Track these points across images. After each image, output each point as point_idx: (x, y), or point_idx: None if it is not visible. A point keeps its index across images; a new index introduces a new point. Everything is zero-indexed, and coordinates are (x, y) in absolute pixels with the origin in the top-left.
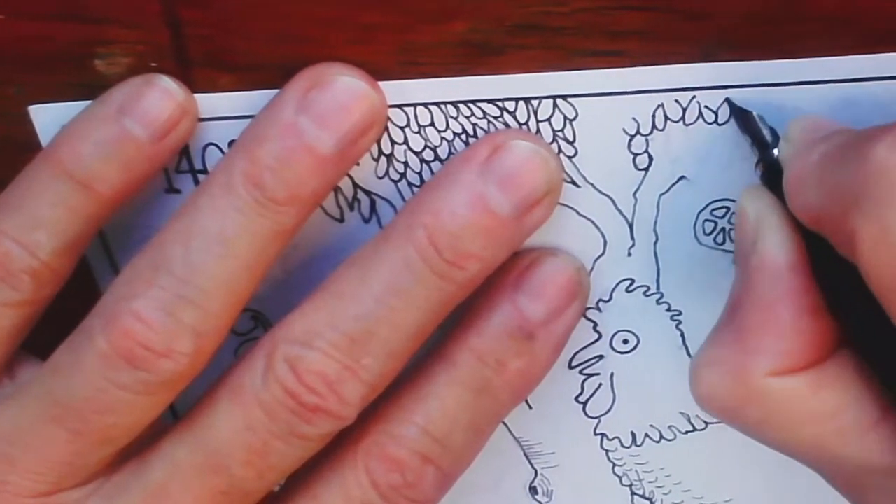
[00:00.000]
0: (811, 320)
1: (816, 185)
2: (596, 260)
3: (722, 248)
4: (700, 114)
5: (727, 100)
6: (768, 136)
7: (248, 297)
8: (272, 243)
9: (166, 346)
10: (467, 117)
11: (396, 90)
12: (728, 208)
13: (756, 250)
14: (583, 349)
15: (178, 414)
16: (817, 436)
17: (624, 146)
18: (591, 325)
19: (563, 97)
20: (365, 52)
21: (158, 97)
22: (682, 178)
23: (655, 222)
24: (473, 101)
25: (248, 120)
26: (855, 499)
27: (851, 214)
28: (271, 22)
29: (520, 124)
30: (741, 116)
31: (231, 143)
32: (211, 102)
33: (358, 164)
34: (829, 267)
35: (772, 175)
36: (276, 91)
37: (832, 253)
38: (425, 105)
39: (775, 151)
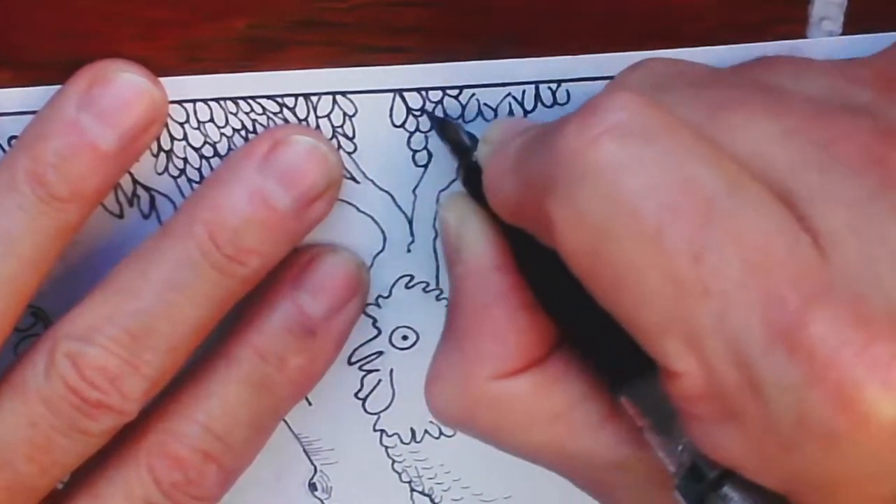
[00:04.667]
0: (523, 319)
1: (513, 177)
2: (375, 256)
3: None
4: (480, 111)
5: (426, 112)
6: (467, 142)
7: (32, 294)
8: (56, 241)
9: None
10: (247, 113)
11: (177, 86)
12: None
13: (460, 257)
14: (362, 345)
15: None
16: (549, 437)
17: (403, 143)
18: (371, 321)
19: (343, 93)
20: (148, 48)
21: None
22: None
23: (435, 219)
24: (253, 98)
25: (29, 116)
26: (599, 496)
27: (546, 201)
28: (54, 17)
29: (299, 120)
30: (440, 126)
31: (11, 139)
32: None
33: (137, 161)
34: (536, 263)
35: (472, 179)
36: (58, 87)
37: (538, 248)
38: (205, 101)
39: (475, 155)
